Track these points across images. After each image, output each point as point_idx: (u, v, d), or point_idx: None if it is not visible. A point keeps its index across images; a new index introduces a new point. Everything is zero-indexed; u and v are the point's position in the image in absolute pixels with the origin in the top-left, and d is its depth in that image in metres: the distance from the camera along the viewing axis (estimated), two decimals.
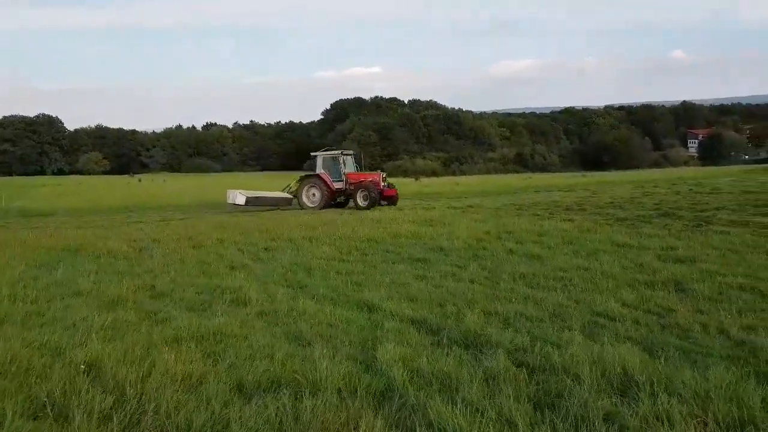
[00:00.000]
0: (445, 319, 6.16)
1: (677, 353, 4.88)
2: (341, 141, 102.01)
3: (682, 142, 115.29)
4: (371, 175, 25.33)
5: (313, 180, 24.96)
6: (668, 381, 4.13)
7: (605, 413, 3.73)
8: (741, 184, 29.88)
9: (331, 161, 25.50)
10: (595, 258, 9.48)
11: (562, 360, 4.61)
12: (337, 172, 24.99)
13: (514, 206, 20.57)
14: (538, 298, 7.01)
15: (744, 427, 3.50)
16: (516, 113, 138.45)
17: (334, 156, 25.74)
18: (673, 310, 6.35)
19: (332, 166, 25.28)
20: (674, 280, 7.69)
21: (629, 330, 5.70)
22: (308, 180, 25.25)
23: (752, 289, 7.18)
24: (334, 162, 25.40)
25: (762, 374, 4.36)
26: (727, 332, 5.51)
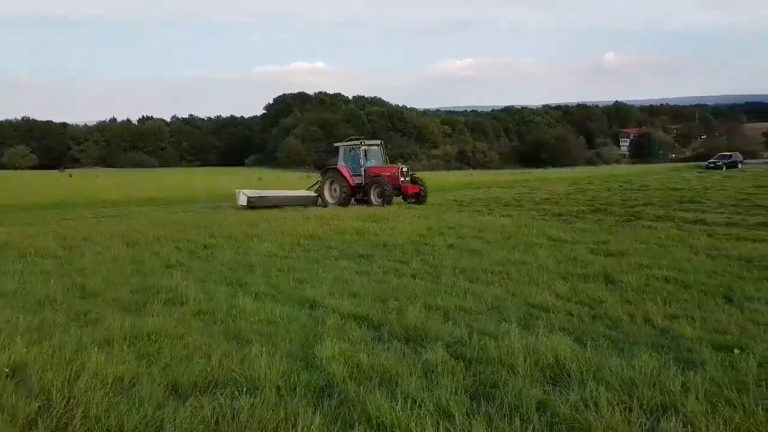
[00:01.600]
0: (387, 314, 6.19)
1: (606, 342, 5.10)
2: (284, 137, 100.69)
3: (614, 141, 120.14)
4: (389, 168, 22.79)
5: (333, 174, 22.82)
6: (597, 369, 4.31)
7: (538, 401, 3.86)
8: (668, 181, 31.51)
9: (351, 152, 23.16)
10: (532, 252, 9.76)
11: (498, 351, 4.73)
12: (357, 166, 22.57)
13: (455, 202, 20.98)
14: (477, 292, 7.15)
15: (666, 410, 3.69)
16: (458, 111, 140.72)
17: (353, 147, 23.28)
18: (603, 301, 6.61)
19: (353, 159, 22.92)
20: (605, 273, 8.00)
21: (562, 321, 5.90)
22: (329, 174, 23.08)
23: (676, 280, 7.56)
24: (352, 153, 23.07)
25: (683, 361, 4.61)
26: (653, 321, 5.79)
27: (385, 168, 22.86)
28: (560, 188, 28.06)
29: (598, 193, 23.58)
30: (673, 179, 33.27)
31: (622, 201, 19.96)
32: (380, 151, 23.89)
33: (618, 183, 30.16)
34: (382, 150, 24.05)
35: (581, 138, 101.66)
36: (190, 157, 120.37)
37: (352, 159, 22.83)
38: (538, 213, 16.70)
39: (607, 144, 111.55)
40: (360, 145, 23.02)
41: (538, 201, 20.94)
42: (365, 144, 23.42)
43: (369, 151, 23.26)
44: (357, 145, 23.04)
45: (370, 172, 22.26)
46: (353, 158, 22.83)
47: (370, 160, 23.02)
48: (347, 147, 23.35)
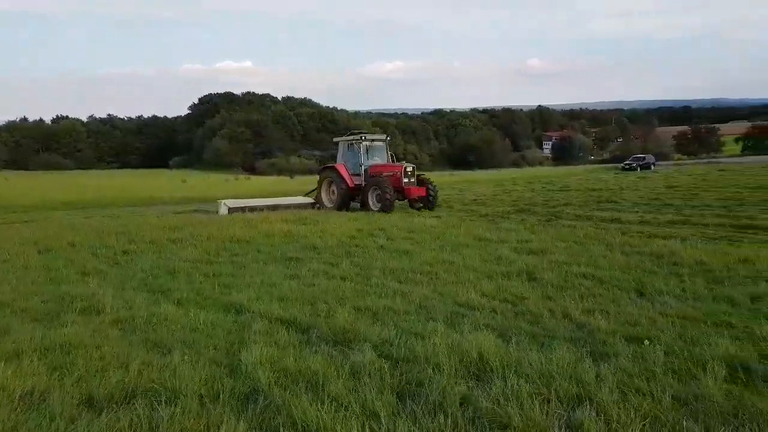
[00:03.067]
0: (316, 317, 6.16)
1: (527, 338, 5.28)
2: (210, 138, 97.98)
3: (537, 144, 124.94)
4: (391, 167, 19.53)
5: (331, 173, 19.90)
6: (518, 364, 4.46)
7: (462, 397, 3.95)
8: (587, 182, 33.04)
9: (350, 148, 20.17)
10: (459, 252, 9.98)
11: (425, 350, 4.80)
12: (356, 164, 19.60)
13: None
14: (406, 292, 7.23)
15: (581, 401, 3.87)
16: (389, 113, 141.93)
17: (353, 142, 20.14)
18: (526, 298, 6.86)
19: (353, 156, 19.94)
20: (527, 271, 8.29)
21: (487, 318, 6.06)
22: (326, 173, 20.19)
23: (592, 276, 7.94)
24: (352, 150, 20.03)
25: (597, 353, 4.85)
26: (571, 316, 6.05)
27: (387, 167, 19.67)
28: (487, 190, 28.84)
29: (522, 194, 24.42)
30: (592, 180, 34.91)
31: (544, 201, 20.77)
32: (385, 147, 20.61)
33: (541, 184, 31.33)
34: (388, 146, 20.79)
35: (507, 141, 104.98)
36: (110, 159, 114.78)
37: (352, 156, 19.90)
38: (465, 214, 17.13)
39: (531, 147, 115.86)
40: (361, 140, 19.79)
41: (466, 202, 21.45)
42: (367, 139, 20.12)
43: (371, 148, 20.09)
44: (358, 140, 19.85)
45: (370, 172, 19.34)
46: (353, 155, 19.87)
47: (372, 157, 19.97)
48: (347, 142, 20.36)
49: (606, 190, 25.58)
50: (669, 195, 21.55)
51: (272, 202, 20.33)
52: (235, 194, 29.27)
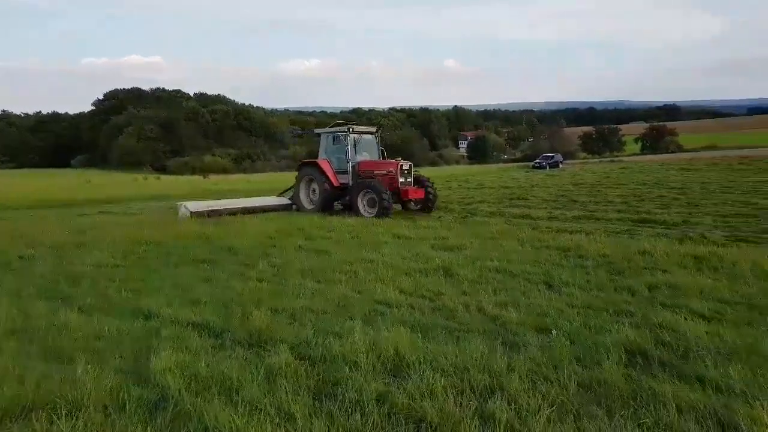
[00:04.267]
0: (230, 320, 5.99)
1: (444, 332, 5.39)
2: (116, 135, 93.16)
3: (454, 143, 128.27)
4: (385, 165, 16.99)
5: (311, 170, 17.40)
6: (434, 358, 4.54)
7: (378, 394, 3.97)
8: (500, 180, 34.22)
9: (335, 141, 17.51)
10: (378, 250, 10.03)
11: (342, 349, 4.79)
12: (342, 160, 17.16)
13: None
14: (324, 292, 7.18)
15: (494, 391, 3.99)
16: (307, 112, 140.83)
17: (337, 134, 17.50)
18: (442, 294, 6.99)
19: (338, 150, 17.40)
20: (444, 267, 8.46)
21: (405, 315, 6.13)
22: (306, 170, 17.59)
23: (505, 270, 8.22)
24: (337, 144, 17.41)
25: (509, 344, 5.02)
26: (485, 310, 6.22)
27: (380, 164, 17.19)
28: None
29: (440, 192, 24.83)
30: (504, 178, 36.19)
31: (460, 199, 21.32)
32: (375, 141, 18.17)
33: (457, 182, 32.11)
34: (378, 140, 18.29)
35: (425, 140, 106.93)
36: (4, 158, 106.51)
37: (338, 151, 17.43)
38: None
39: (448, 146, 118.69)
40: (348, 131, 17.16)
41: None
42: (355, 131, 17.46)
43: (360, 141, 17.51)
44: (344, 132, 17.24)
45: (359, 170, 16.91)
46: (338, 150, 17.40)
47: (361, 152, 17.47)
48: (331, 134, 17.77)
49: (518, 187, 26.59)
50: (575, 192, 22.68)
51: (243, 204, 17.57)
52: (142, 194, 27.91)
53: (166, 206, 20.84)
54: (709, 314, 5.86)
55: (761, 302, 6.22)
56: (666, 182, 24.82)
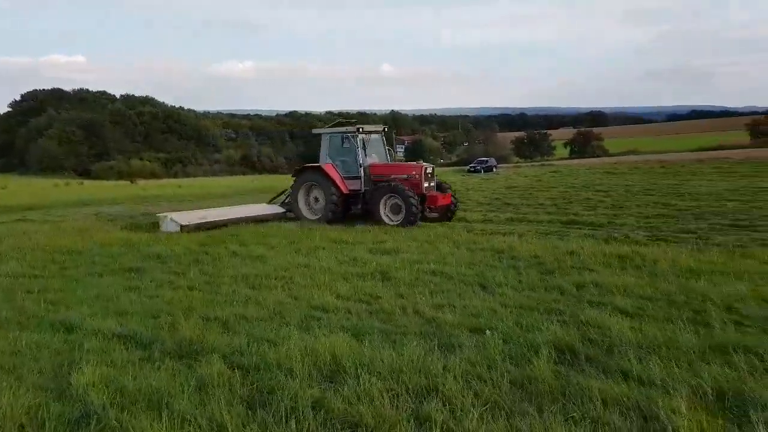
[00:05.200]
0: (159, 331, 5.77)
1: (381, 336, 5.39)
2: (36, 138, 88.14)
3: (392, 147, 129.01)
4: (408, 168, 15.21)
5: (313, 176, 15.43)
6: (371, 362, 4.54)
7: (314, 401, 3.92)
8: None
9: (342, 143, 15.47)
10: (315, 255, 9.94)
11: (277, 356, 4.71)
12: (351, 163, 15.27)
13: None
14: (259, 299, 7.04)
15: (430, 392, 4.02)
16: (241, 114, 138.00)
17: (346, 135, 15.46)
18: (380, 297, 7.01)
19: (344, 153, 15.43)
20: (381, 271, 8.48)
21: (342, 320, 6.10)
22: (306, 176, 15.56)
23: (441, 273, 8.33)
24: (344, 144, 15.39)
25: (445, 345, 5.08)
26: (421, 312, 6.28)
27: (399, 167, 15.55)
28: None
29: None
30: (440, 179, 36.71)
31: None
32: (382, 141, 16.26)
33: None
34: (384, 140, 16.40)
35: None
36: None
37: (346, 153, 15.41)
38: None
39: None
40: (358, 132, 15.26)
41: None
42: (363, 131, 15.48)
43: (369, 142, 15.66)
44: (353, 132, 15.30)
45: (372, 173, 15.15)
46: (347, 152, 15.38)
47: (369, 155, 15.70)
48: (337, 135, 15.71)
49: (454, 191, 26.99)
50: (509, 195, 23.29)
51: (238, 213, 15.52)
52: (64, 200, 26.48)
53: (91, 212, 19.85)
54: (632, 310, 6.14)
55: (679, 298, 6.57)
56: (593, 185, 25.89)
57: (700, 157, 39.75)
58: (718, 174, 26.65)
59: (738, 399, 3.79)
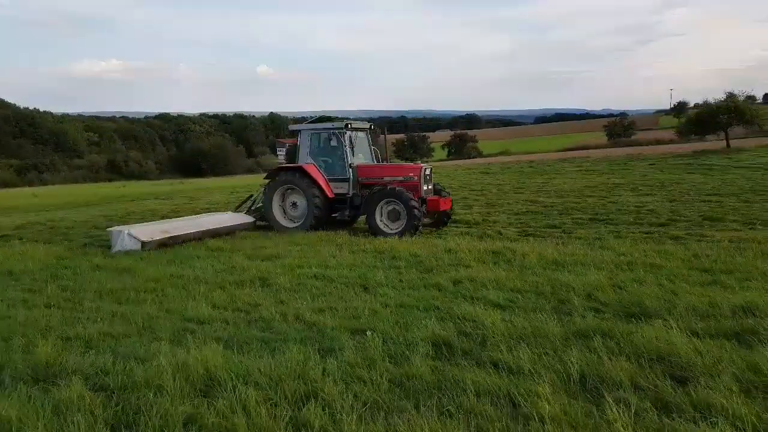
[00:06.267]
0: (11, 354, 5.21)
1: (259, 344, 5.24)
2: None
3: (272, 150, 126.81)
4: (404, 169, 13.72)
5: (290, 178, 13.66)
6: (247, 373, 4.39)
7: (186, 417, 3.72)
8: None
9: (326, 141, 13.82)
10: (189, 264, 9.49)
11: (145, 374, 4.41)
12: (337, 164, 13.66)
13: (104, 217, 19.00)
14: (126, 314, 6.60)
15: (309, 398, 3.96)
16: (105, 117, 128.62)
17: (333, 131, 13.70)
18: (259, 305, 6.83)
19: (329, 152, 13.80)
20: (261, 277, 8.27)
21: (218, 330, 5.86)
22: (282, 179, 13.80)
23: (323, 276, 8.27)
24: (331, 142, 13.72)
25: (325, 349, 5.04)
26: (302, 317, 6.20)
27: (394, 168, 14.03)
28: (221, 197, 28.11)
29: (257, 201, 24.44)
30: None
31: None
32: (368, 140, 14.66)
33: None
34: (370, 139, 14.75)
35: (240, 147, 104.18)
36: None
37: (330, 152, 13.78)
38: None
39: (265, 153, 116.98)
40: (345, 129, 13.55)
41: (198, 211, 20.54)
42: (351, 128, 13.81)
43: (355, 141, 13.93)
44: (340, 129, 13.58)
45: (361, 175, 13.55)
46: (332, 151, 13.75)
47: (356, 155, 14.04)
48: (320, 132, 13.96)
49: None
50: None
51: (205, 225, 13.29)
52: None
53: None
54: (503, 303, 6.48)
55: (546, 289, 7.02)
56: (469, 185, 27.09)
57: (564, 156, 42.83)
58: (580, 172, 28.91)
59: (597, 380, 4.10)
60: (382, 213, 12.72)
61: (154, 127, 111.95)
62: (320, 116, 15.08)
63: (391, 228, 12.60)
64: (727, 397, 3.63)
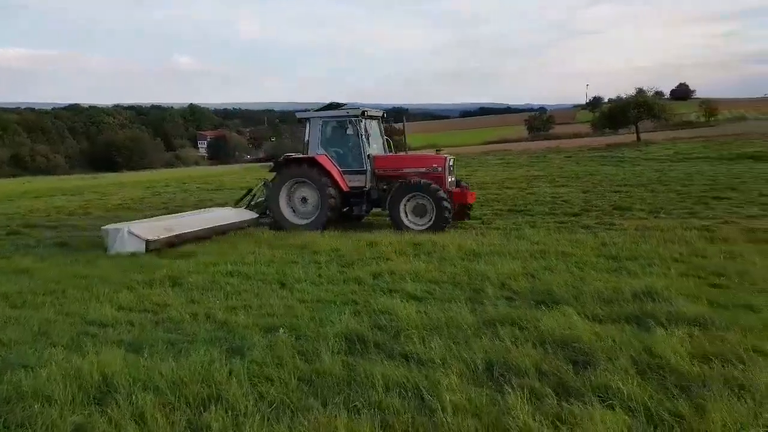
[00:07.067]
0: None
1: (165, 347, 4.99)
2: None
3: (192, 143, 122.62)
4: (427, 160, 12.79)
5: (301, 170, 12.45)
6: (148, 377, 4.16)
7: (75, 428, 3.49)
8: (242, 181, 33.76)
9: (339, 130, 12.87)
10: (95, 264, 8.98)
11: (34, 384, 4.09)
12: (351, 154, 12.63)
13: (5, 216, 17.69)
14: (21, 319, 6.13)
15: (212, 401, 3.79)
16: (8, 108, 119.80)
17: (349, 119, 12.64)
18: (168, 305, 6.54)
19: (342, 142, 12.83)
20: (172, 276, 7.92)
21: (121, 333, 5.55)
22: (289, 172, 12.55)
23: (239, 273, 8.03)
24: (347, 131, 12.74)
25: (234, 349, 4.86)
26: (214, 317, 5.97)
27: (416, 159, 13.19)
28: (136, 193, 26.87)
29: (175, 196, 23.51)
30: (248, 178, 35.83)
31: (197, 202, 20.36)
32: (380, 128, 13.55)
33: (196, 184, 30.74)
34: (382, 129, 13.67)
35: (159, 140, 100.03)
36: None
37: (344, 142, 12.81)
38: (108, 221, 15.49)
39: (185, 146, 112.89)
40: (361, 117, 12.48)
41: (110, 208, 19.52)
42: (367, 116, 12.77)
43: (370, 128, 12.90)
44: (356, 116, 12.49)
45: (377, 167, 12.50)
46: (346, 141, 12.79)
47: (374, 143, 13.04)
48: (334, 120, 12.84)
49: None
50: None
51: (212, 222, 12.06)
52: None
53: None
54: (421, 295, 6.51)
55: (462, 279, 7.12)
56: None
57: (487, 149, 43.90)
58: (501, 165, 29.76)
59: (503, 368, 4.17)
60: (407, 208, 11.88)
61: (63, 119, 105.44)
62: (330, 103, 13.40)
63: (418, 224, 11.80)
64: (623, 379, 3.78)
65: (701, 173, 20.32)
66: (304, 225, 12.20)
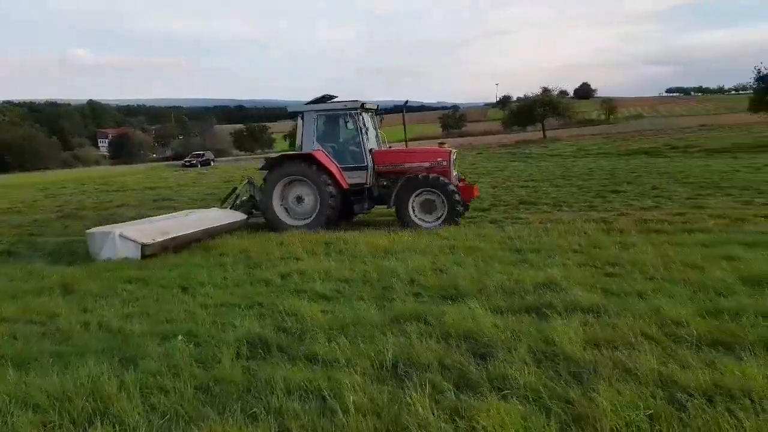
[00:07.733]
0: None
1: (51, 360, 4.63)
2: None
3: (92, 142, 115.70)
4: (431, 153, 12.13)
5: (296, 167, 11.64)
6: (28, 395, 3.83)
7: None
8: (146, 180, 32.26)
9: (336, 124, 12.20)
10: None
11: None
12: (349, 150, 11.96)
13: None
14: None
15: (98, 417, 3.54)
16: None
17: (348, 112, 11.91)
18: (58, 315, 6.10)
19: (338, 136, 12.20)
20: (64, 284, 7.41)
21: (3, 347, 5.09)
22: (285, 168, 11.75)
23: (139, 279, 7.59)
24: (348, 125, 12.03)
25: (128, 359, 4.58)
26: (108, 326, 5.61)
27: (419, 153, 12.47)
28: (27, 195, 24.97)
29: (71, 198, 22.10)
30: (152, 178, 34.26)
31: (96, 204, 19.24)
32: (373, 122, 12.88)
33: (94, 185, 29.02)
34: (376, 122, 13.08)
35: (54, 138, 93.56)
36: None
37: (341, 137, 12.28)
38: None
39: (84, 145, 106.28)
40: (359, 110, 11.85)
41: None
42: (365, 108, 12.21)
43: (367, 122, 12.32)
44: (355, 110, 11.86)
45: (377, 162, 11.92)
46: (344, 135, 12.26)
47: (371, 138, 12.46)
48: (331, 113, 12.15)
49: (165, 188, 25.45)
50: (225, 190, 22.75)
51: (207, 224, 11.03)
52: None
53: None
54: (330, 294, 6.41)
55: (372, 276, 7.08)
56: None
57: None
58: None
59: (408, 365, 4.18)
60: (414, 204, 11.38)
61: None
62: (323, 95, 12.72)
63: (428, 221, 11.30)
64: (520, 369, 3.88)
65: (601, 168, 21.57)
66: (301, 226, 11.54)
